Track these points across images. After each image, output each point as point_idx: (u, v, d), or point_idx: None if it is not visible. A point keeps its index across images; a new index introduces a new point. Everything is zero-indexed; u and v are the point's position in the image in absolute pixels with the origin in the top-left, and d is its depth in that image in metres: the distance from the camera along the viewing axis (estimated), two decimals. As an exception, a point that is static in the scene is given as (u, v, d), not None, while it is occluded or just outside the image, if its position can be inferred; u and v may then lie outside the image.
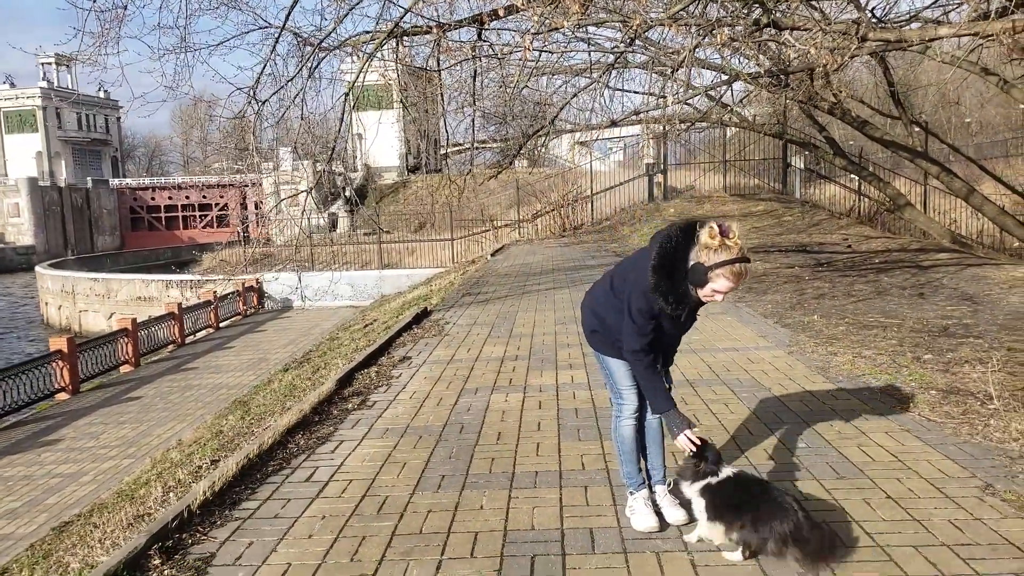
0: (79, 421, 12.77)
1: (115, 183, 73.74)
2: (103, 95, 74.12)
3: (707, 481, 3.09)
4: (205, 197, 71.34)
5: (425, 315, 10.21)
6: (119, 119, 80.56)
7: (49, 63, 71.19)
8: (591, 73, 8.87)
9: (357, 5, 7.64)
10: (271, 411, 7.49)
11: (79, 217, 68.45)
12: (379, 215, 33.33)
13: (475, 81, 8.44)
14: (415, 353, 7.67)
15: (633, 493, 3.49)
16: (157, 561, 3.32)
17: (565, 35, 8.01)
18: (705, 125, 15.57)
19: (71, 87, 72.07)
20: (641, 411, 3.48)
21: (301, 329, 20.88)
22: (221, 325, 22.98)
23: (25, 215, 64.73)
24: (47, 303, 36.11)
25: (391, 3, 7.46)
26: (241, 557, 3.35)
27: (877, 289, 9.47)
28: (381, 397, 5.99)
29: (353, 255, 30.25)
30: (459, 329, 8.88)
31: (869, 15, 8.17)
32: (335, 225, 39.99)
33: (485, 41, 7.72)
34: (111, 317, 27.58)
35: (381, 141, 37.38)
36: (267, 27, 8.23)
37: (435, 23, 7.22)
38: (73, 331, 29.50)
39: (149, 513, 4.56)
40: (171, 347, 19.71)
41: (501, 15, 6.97)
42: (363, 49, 7.57)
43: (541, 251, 18.98)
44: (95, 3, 7.57)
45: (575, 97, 9.53)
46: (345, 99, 7.97)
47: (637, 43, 7.95)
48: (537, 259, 17.05)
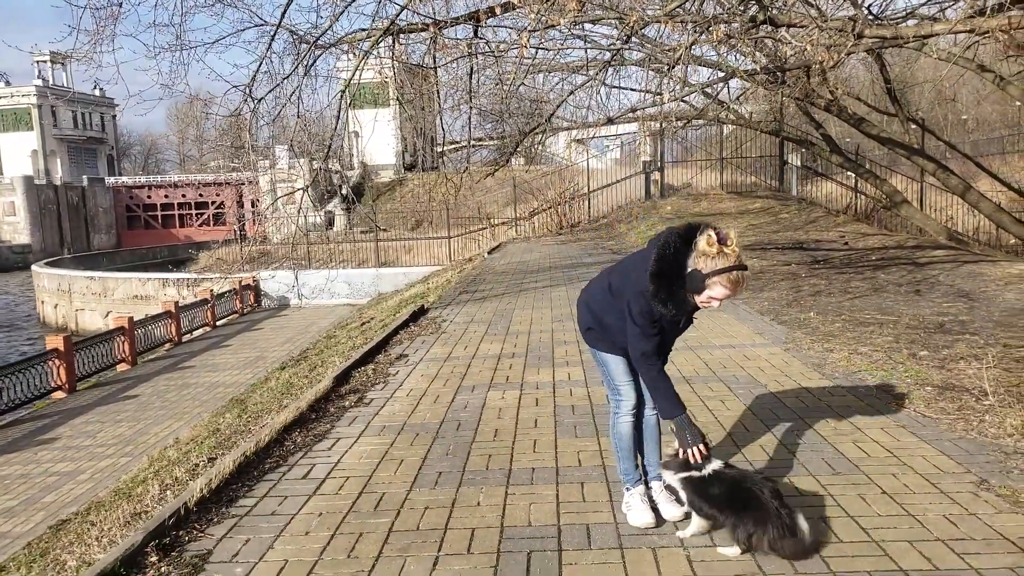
0: (76, 420, 12.76)
1: (111, 181, 73.62)
2: (99, 93, 73.95)
3: (690, 473, 3.16)
4: (201, 195, 71.26)
5: (422, 313, 10.21)
6: (115, 117, 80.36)
7: (44, 61, 71.01)
8: (588, 70, 8.87)
9: (353, 3, 7.63)
10: (268, 409, 7.48)
11: (75, 216, 68.34)
12: (376, 213, 33.32)
13: (471, 79, 8.44)
14: (412, 351, 7.67)
15: (629, 489, 3.50)
16: (154, 558, 3.33)
17: (561, 32, 8.01)
18: (702, 122, 15.58)
19: (66, 85, 71.88)
20: (639, 407, 3.49)
21: (298, 327, 20.87)
22: (218, 323, 22.97)
23: (21, 214, 64.62)
24: (43, 302, 36.05)
25: (387, 1, 7.46)
26: (238, 554, 3.35)
27: (873, 286, 9.49)
28: (378, 394, 6.00)
29: (350, 253, 30.23)
30: (456, 327, 8.88)
31: (865, 12, 8.17)
32: (332, 223, 39.95)
33: (481, 38, 7.72)
34: (107, 316, 27.54)
35: (377, 139, 37.32)
36: (263, 25, 8.24)
37: (431, 20, 7.22)
38: (70, 330, 29.43)
39: (146, 511, 4.56)
40: (168, 345, 19.69)
41: (497, 13, 6.97)
42: (359, 47, 7.57)
43: (538, 249, 18.99)
44: (90, 0, 7.55)
45: (572, 95, 9.53)
46: (341, 97, 7.97)
47: (634, 40, 7.95)
48: (534, 257, 17.06)
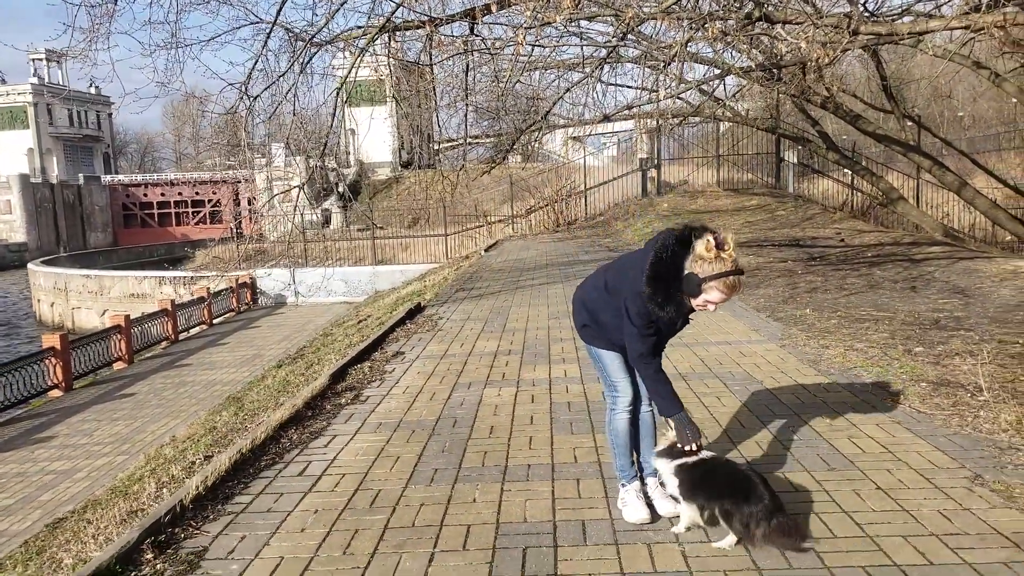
0: (72, 418, 12.74)
1: (107, 180, 73.50)
2: (94, 91, 73.77)
3: (683, 461, 3.20)
4: (198, 193, 71.17)
5: (419, 310, 10.21)
6: (110, 115, 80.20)
7: (40, 59, 70.82)
8: (584, 68, 8.87)
9: (348, 0, 7.63)
10: (265, 407, 7.48)
11: (71, 214, 68.21)
12: (372, 211, 33.27)
13: (467, 76, 8.44)
14: (408, 348, 7.67)
15: (625, 485, 3.51)
16: (150, 555, 3.33)
17: (558, 29, 8.01)
18: (698, 120, 15.60)
19: (62, 83, 71.69)
20: (635, 404, 3.50)
21: (295, 325, 20.86)
22: (215, 322, 22.94)
23: (17, 212, 64.47)
24: (40, 300, 35.99)
25: (383, -2, 7.45)
26: (234, 551, 3.36)
27: (869, 283, 9.50)
28: (374, 392, 6.00)
29: (346, 251, 30.20)
30: (452, 324, 8.88)
31: (861, 8, 8.17)
32: (328, 221, 39.92)
33: (477, 35, 7.71)
34: (104, 314, 27.51)
35: (374, 136, 37.26)
36: (258, 22, 8.21)
37: (427, 18, 7.21)
38: (66, 328, 29.39)
39: (142, 509, 4.56)
40: (165, 344, 19.67)
41: (493, 10, 6.96)
42: (355, 44, 7.56)
43: (535, 246, 18.99)
44: (85, -2, 7.54)
45: (568, 92, 9.52)
46: (337, 94, 7.96)
47: (630, 37, 7.95)
48: (531, 254, 17.06)
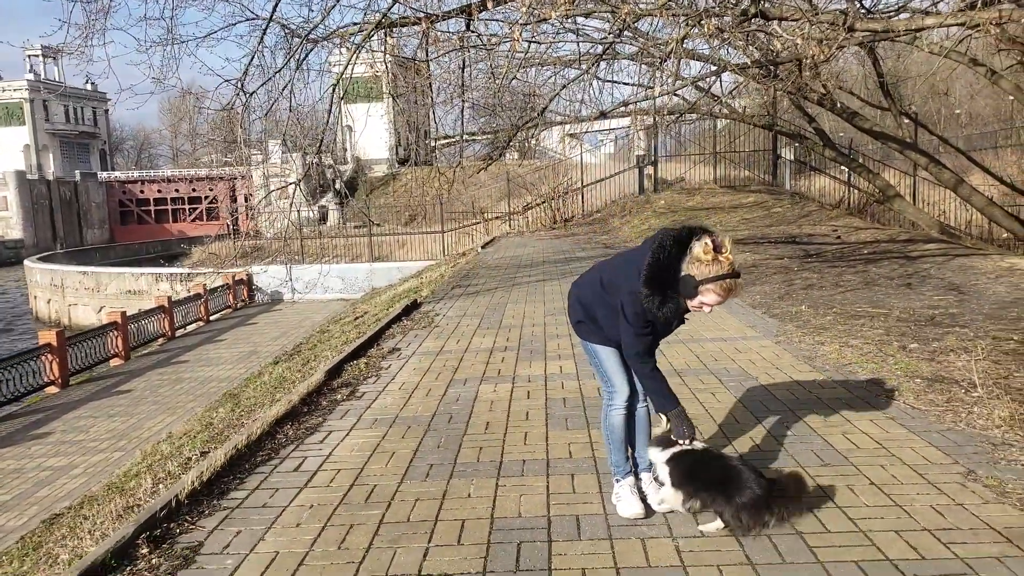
0: (69, 414, 12.73)
1: (103, 176, 73.30)
2: (90, 88, 73.57)
3: (675, 451, 3.26)
4: (194, 190, 71.01)
5: (415, 307, 10.21)
6: (107, 112, 79.97)
7: (36, 55, 70.55)
8: (580, 64, 8.87)
9: (345, -4, 7.62)
10: (261, 403, 7.48)
11: (68, 211, 68.03)
12: (369, 208, 33.26)
13: (464, 72, 8.43)
14: (405, 344, 7.67)
15: (619, 480, 3.52)
16: (145, 550, 3.33)
17: (554, 26, 8.01)
18: (695, 116, 15.59)
19: (58, 79, 71.49)
20: (631, 400, 3.50)
21: (292, 322, 20.85)
22: (211, 318, 22.93)
23: (13, 209, 64.27)
24: (36, 297, 35.92)
25: (379, -6, 7.44)
26: (229, 545, 3.36)
27: (865, 279, 9.52)
28: (370, 388, 6.00)
29: (343, 248, 30.19)
30: (449, 321, 8.89)
31: (857, 5, 8.19)
32: (325, 218, 39.89)
33: (474, 32, 7.71)
34: (101, 311, 27.47)
35: (371, 133, 37.28)
36: (254, 19, 8.21)
37: (423, 14, 7.20)
38: (63, 325, 29.34)
39: (139, 504, 4.56)
40: (161, 340, 19.66)
41: (490, 6, 6.95)
42: (351, 40, 7.55)
43: (532, 243, 19.00)
44: (80, -6, 7.52)
45: (564, 88, 9.53)
46: (333, 91, 7.95)
47: (626, 34, 7.95)
48: (527, 251, 17.06)
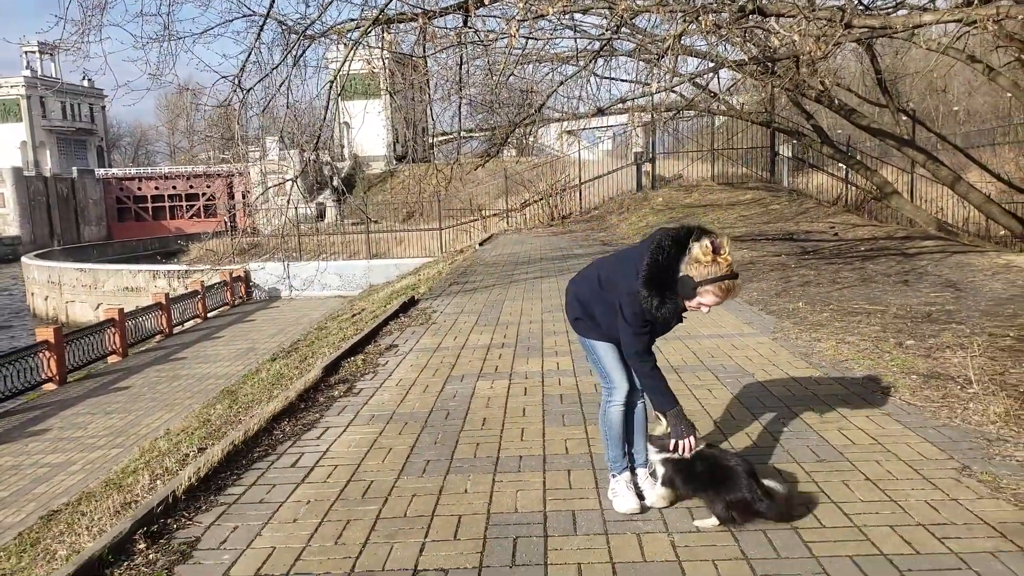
0: (66, 411, 12.73)
1: (101, 173, 73.09)
2: (87, 84, 73.34)
3: (672, 454, 3.30)
4: (192, 187, 70.84)
5: (412, 304, 10.22)
6: (104, 108, 79.75)
7: (32, 51, 70.32)
8: (578, 61, 8.87)
9: (342, -8, 7.61)
10: (258, 400, 7.49)
11: (65, 207, 67.85)
12: (367, 205, 33.22)
13: (461, 69, 8.42)
14: (402, 341, 7.68)
15: (615, 476, 3.52)
16: (142, 545, 3.34)
17: (551, 22, 8.00)
18: (692, 113, 15.61)
19: (55, 76, 71.26)
20: (631, 396, 3.50)
21: (289, 319, 20.85)
22: (209, 315, 22.92)
23: (10, 205, 64.10)
24: (34, 294, 35.87)
25: (376, -10, 7.42)
26: (226, 541, 3.37)
27: (862, 276, 9.53)
28: (367, 384, 6.01)
29: (341, 245, 30.18)
30: (446, 318, 8.89)
31: (855, 2, 8.19)
32: (323, 215, 39.84)
33: (471, 28, 7.70)
34: (98, 308, 27.44)
35: (368, 130, 37.19)
36: (251, 15, 8.20)
37: (420, 10, 7.20)
38: (60, 322, 29.30)
39: (136, 501, 4.57)
40: (159, 337, 19.65)
41: (487, 2, 6.95)
42: (348, 37, 7.54)
43: (529, 240, 19.00)
44: (77, -11, 7.51)
45: (562, 85, 9.53)
46: (330, 87, 7.94)
47: (624, 30, 7.95)
48: (525, 248, 17.07)
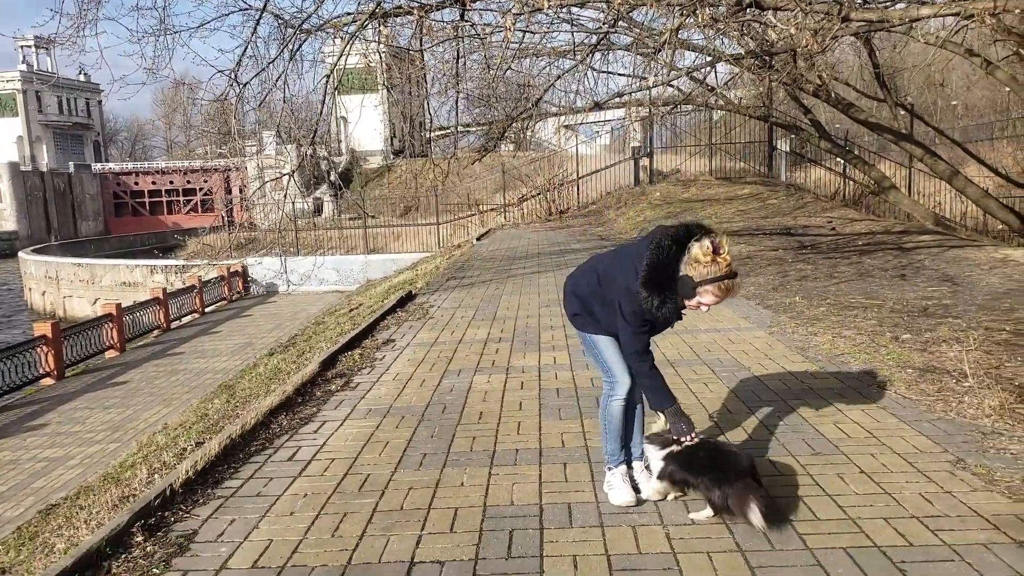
0: (64, 406, 12.73)
1: (98, 168, 72.93)
2: (83, 78, 73.13)
3: (671, 449, 3.32)
4: (189, 182, 70.74)
5: (410, 299, 10.22)
6: (100, 103, 79.54)
7: (28, 46, 70.10)
8: (575, 55, 8.85)
9: (339, -15, 7.60)
10: (256, 394, 7.49)
11: (62, 202, 67.70)
12: (364, 200, 33.16)
13: (458, 63, 8.41)
14: (399, 336, 7.68)
15: (612, 469, 3.54)
16: (140, 538, 3.35)
17: (548, 16, 7.99)
18: (690, 108, 15.60)
19: (51, 70, 71.03)
20: (632, 391, 3.50)
21: (287, 314, 20.84)
22: (207, 310, 22.91)
23: (7, 200, 63.95)
24: (31, 289, 35.83)
25: (373, -17, 7.39)
26: (223, 534, 3.38)
27: (859, 271, 9.55)
28: (364, 379, 6.02)
29: (338, 240, 30.14)
30: (443, 312, 8.90)
31: (852, -4, 8.17)
32: (320, 210, 39.77)
33: (468, 22, 7.69)
34: (96, 302, 27.41)
35: (365, 125, 37.13)
36: (247, 9, 8.18)
37: (417, 3, 7.18)
38: (58, 316, 29.28)
39: (134, 494, 4.56)
40: (156, 332, 19.64)
41: (484, -5, 6.94)
42: (345, 30, 7.53)
43: (527, 235, 19.00)
44: (72, -17, 7.48)
45: (559, 79, 9.51)
46: (327, 81, 7.93)
47: (621, 24, 7.94)
48: (523, 243, 17.07)
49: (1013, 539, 2.97)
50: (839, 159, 17.28)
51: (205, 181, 68.10)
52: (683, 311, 3.24)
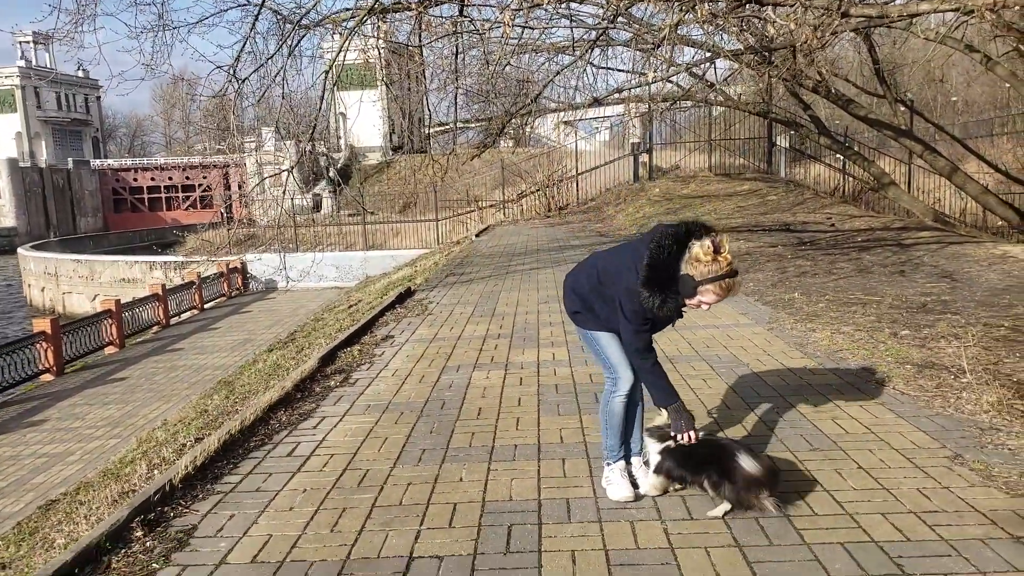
0: (64, 402, 12.74)
1: (97, 164, 72.86)
2: (82, 74, 72.99)
3: (667, 444, 3.34)
4: (188, 178, 70.68)
5: (409, 295, 10.22)
6: (99, 98, 79.44)
7: (27, 41, 70.00)
8: (574, 50, 8.84)
9: (338, -19, 7.59)
10: (255, 390, 7.50)
11: (61, 198, 67.64)
12: (363, 196, 33.11)
13: (457, 58, 8.40)
14: (398, 332, 7.69)
15: (610, 464, 3.54)
16: (139, 533, 3.36)
17: (547, 11, 7.98)
18: (690, 104, 15.57)
19: (50, 66, 70.92)
20: (634, 387, 3.50)
21: (286, 310, 20.85)
22: (206, 306, 22.91)
23: (6, 197, 63.89)
24: (30, 285, 35.80)
25: (372, -21, 7.38)
26: (223, 529, 3.39)
27: (858, 267, 9.56)
28: (363, 374, 6.02)
29: (337, 236, 30.11)
30: (442, 308, 8.90)
31: (852, -8, 8.16)
32: (319, 206, 39.74)
33: (466, 17, 7.67)
34: (95, 299, 27.40)
35: (364, 121, 37.08)
36: (246, 4, 8.17)
37: (416, -1, 7.17)
38: (57, 313, 29.27)
39: (134, 490, 4.58)
40: (156, 328, 19.64)
41: (483, -9, 6.93)
42: (343, 26, 7.52)
43: (526, 231, 18.99)
44: (70, -22, 7.47)
45: (558, 75, 9.50)
46: (326, 77, 7.92)
47: (620, 19, 7.93)
48: (522, 239, 17.06)
49: (1010, 534, 2.98)
50: (839, 155, 17.29)
51: (204, 177, 68.03)
52: (684, 309, 3.24)
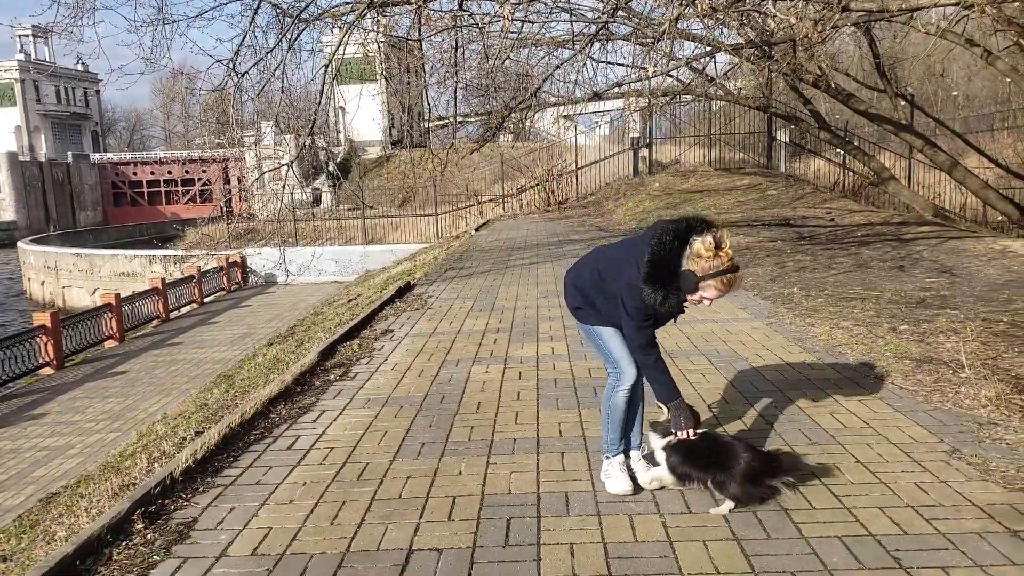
0: (64, 396, 12.76)
1: (96, 158, 72.71)
2: (81, 68, 72.84)
3: (669, 439, 3.35)
4: (188, 172, 70.55)
5: (408, 289, 10.23)
6: (98, 92, 79.28)
7: (26, 35, 69.81)
8: (574, 45, 8.83)
9: (337, -25, 7.56)
10: (255, 384, 7.51)
11: (60, 192, 67.54)
12: (363, 190, 33.09)
13: (456, 52, 8.39)
14: (398, 326, 7.70)
15: (609, 458, 3.55)
16: (140, 526, 3.37)
17: (546, 5, 7.97)
18: (689, 98, 15.56)
19: (49, 60, 70.76)
20: (637, 383, 3.50)
21: (286, 304, 20.86)
22: (205, 300, 22.92)
23: (5, 190, 63.79)
24: (30, 279, 35.83)
25: (372, -27, 7.36)
26: (223, 521, 3.40)
27: (858, 262, 9.56)
28: (363, 368, 6.03)
29: (337, 230, 30.09)
30: (442, 303, 8.91)
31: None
32: (318, 200, 39.70)
33: (466, 11, 7.66)
34: (95, 292, 27.42)
35: (364, 115, 37.01)
36: (246, -3, 8.13)
37: (416, -7, 7.14)
38: (57, 306, 29.28)
39: (134, 483, 4.59)
40: (155, 322, 19.66)
41: (483, -15, 6.91)
42: (343, 20, 7.51)
43: (525, 226, 18.98)
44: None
45: (558, 69, 9.49)
46: (325, 71, 7.91)
47: (620, 13, 7.92)
48: (521, 234, 17.06)
49: (1007, 528, 2.99)
50: (839, 150, 17.25)
51: (204, 171, 67.93)
52: (685, 304, 3.24)
